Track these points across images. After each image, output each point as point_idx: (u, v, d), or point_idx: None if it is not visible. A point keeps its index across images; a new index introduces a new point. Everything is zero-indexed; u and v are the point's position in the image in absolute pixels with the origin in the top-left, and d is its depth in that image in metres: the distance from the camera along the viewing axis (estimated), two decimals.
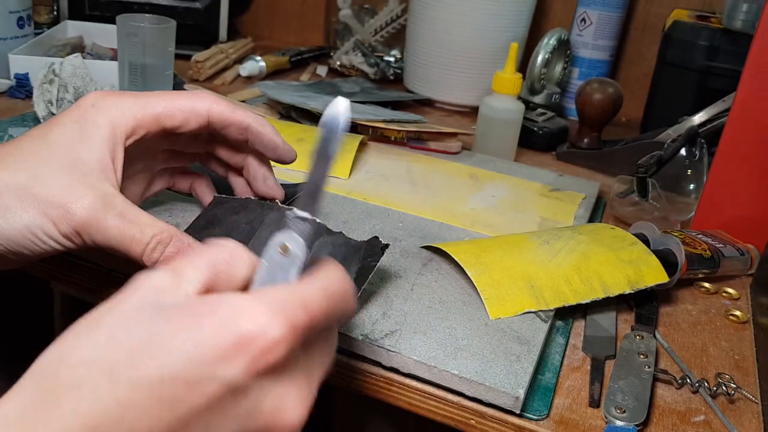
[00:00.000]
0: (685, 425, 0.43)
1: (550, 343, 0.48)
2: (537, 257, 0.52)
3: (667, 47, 0.88)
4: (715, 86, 0.84)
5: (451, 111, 1.00)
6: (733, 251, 0.60)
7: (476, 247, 0.53)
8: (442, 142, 0.77)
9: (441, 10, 0.94)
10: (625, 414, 0.41)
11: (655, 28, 1.04)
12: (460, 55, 0.95)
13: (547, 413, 0.42)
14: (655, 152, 0.71)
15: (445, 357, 0.43)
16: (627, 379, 0.44)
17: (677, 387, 0.46)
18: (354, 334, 0.44)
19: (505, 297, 0.49)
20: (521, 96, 0.81)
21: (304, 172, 0.67)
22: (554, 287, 0.50)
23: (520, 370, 0.42)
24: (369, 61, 1.09)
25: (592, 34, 0.98)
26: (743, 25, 0.82)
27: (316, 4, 1.25)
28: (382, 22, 1.11)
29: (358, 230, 0.57)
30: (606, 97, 0.82)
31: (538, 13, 1.01)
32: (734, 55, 0.82)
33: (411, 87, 1.02)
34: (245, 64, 1.01)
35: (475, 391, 0.41)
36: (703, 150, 0.71)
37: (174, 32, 0.78)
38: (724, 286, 0.59)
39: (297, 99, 0.79)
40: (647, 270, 0.52)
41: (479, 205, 0.65)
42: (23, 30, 0.86)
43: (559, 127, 0.89)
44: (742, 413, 0.44)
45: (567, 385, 0.45)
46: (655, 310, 0.54)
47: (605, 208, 0.73)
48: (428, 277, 0.52)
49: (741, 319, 0.55)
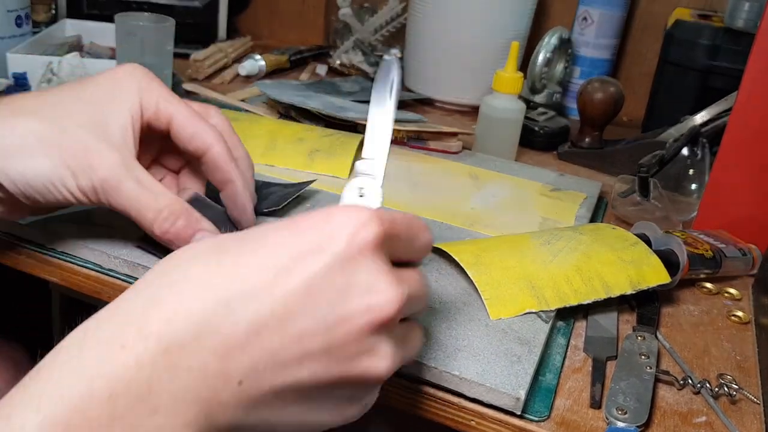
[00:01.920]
0: (686, 426, 0.42)
1: (551, 344, 0.48)
2: (538, 257, 0.51)
3: (668, 46, 0.88)
4: (717, 85, 0.83)
5: (451, 110, 1.00)
6: (735, 251, 0.60)
7: (476, 247, 0.53)
8: (442, 141, 0.77)
9: (441, 9, 0.93)
10: (626, 415, 0.41)
11: (657, 27, 1.03)
12: (460, 55, 0.95)
13: (548, 414, 0.42)
14: (656, 152, 0.71)
15: (445, 357, 0.42)
16: (628, 380, 0.44)
17: (679, 388, 0.46)
18: None
19: (506, 297, 0.48)
20: (522, 95, 0.81)
21: (303, 172, 0.67)
22: (555, 287, 0.49)
23: (520, 370, 0.42)
24: (369, 60, 1.09)
25: (594, 33, 0.98)
26: (745, 24, 0.81)
27: (316, 4, 1.24)
28: (382, 21, 1.11)
29: None
30: (607, 97, 0.82)
31: (539, 12, 1.01)
32: (736, 54, 0.82)
33: (411, 86, 1.02)
34: (244, 63, 1.01)
35: (476, 392, 0.41)
36: (705, 149, 0.70)
37: (173, 31, 0.78)
38: (726, 287, 0.59)
39: (296, 98, 0.79)
40: (649, 270, 0.52)
41: (479, 205, 0.65)
42: (21, 29, 0.86)
43: (560, 126, 0.89)
44: (743, 414, 0.44)
45: (568, 386, 0.45)
46: (656, 311, 0.53)
47: (607, 208, 0.73)
48: (428, 277, 0.51)
49: (743, 320, 0.55)
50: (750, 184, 0.62)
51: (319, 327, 0.28)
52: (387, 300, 0.30)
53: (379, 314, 0.29)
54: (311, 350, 0.29)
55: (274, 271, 0.29)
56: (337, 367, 0.29)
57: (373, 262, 0.30)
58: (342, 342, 0.29)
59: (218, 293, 0.28)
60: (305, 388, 0.29)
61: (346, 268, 0.29)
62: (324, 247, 0.29)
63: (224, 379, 0.27)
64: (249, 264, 0.29)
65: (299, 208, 0.59)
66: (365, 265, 0.30)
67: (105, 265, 0.49)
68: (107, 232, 0.51)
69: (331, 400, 0.31)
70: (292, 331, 0.28)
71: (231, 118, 0.73)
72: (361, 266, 0.30)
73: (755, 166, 0.61)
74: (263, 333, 0.28)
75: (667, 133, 0.79)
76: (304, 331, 0.28)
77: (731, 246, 0.60)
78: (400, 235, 0.32)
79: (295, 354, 0.28)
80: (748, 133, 0.61)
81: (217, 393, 0.27)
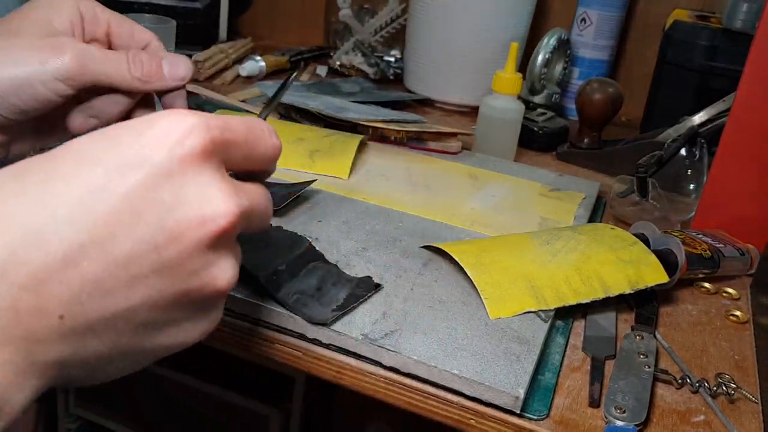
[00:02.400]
0: (685, 425, 0.43)
1: (550, 343, 0.48)
2: (537, 257, 0.52)
3: (667, 47, 0.88)
4: (715, 86, 0.84)
5: (451, 111, 1.00)
6: (733, 251, 0.60)
7: (476, 247, 0.53)
8: (442, 142, 0.77)
9: (441, 10, 0.94)
10: (625, 414, 0.41)
11: (655, 27, 1.04)
12: (460, 55, 0.95)
13: (547, 413, 0.42)
14: (655, 152, 0.71)
15: (445, 357, 0.43)
16: (627, 379, 0.44)
17: (677, 387, 0.46)
18: (354, 334, 0.44)
19: (505, 297, 0.49)
20: (521, 96, 0.81)
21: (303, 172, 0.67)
22: (554, 287, 0.50)
23: (520, 369, 0.42)
24: (369, 61, 1.09)
25: (593, 34, 0.98)
26: (743, 25, 0.82)
27: (316, 4, 1.25)
28: (382, 22, 1.11)
29: (358, 230, 0.57)
30: (606, 97, 0.82)
31: (538, 13, 1.01)
32: (734, 55, 0.82)
33: (411, 87, 1.02)
34: (245, 64, 1.01)
35: (475, 391, 0.41)
36: (703, 150, 0.71)
37: (174, 32, 0.78)
38: (724, 286, 0.59)
39: (297, 99, 0.79)
40: (647, 270, 0.52)
41: (479, 205, 0.65)
42: None
43: (559, 127, 0.89)
44: (742, 413, 0.44)
45: (567, 385, 0.45)
46: (655, 310, 0.54)
47: (605, 208, 0.73)
48: (428, 277, 0.52)
49: (741, 319, 0.55)
50: (748, 184, 0.62)
51: (146, 248, 0.26)
52: (221, 212, 0.28)
53: (212, 227, 0.27)
54: (140, 273, 0.26)
55: (89, 190, 0.26)
56: (172, 289, 0.27)
57: (201, 173, 0.28)
58: (175, 262, 0.27)
59: (25, 223, 0.25)
60: (139, 314, 0.27)
61: (171, 181, 0.27)
62: (144, 159, 0.26)
63: (41, 315, 0.25)
64: (59, 187, 0.26)
65: (299, 208, 0.60)
66: (193, 176, 0.27)
67: None
68: None
69: (170, 325, 0.29)
70: (115, 256, 0.26)
71: None
72: (188, 178, 0.27)
73: (753, 166, 0.62)
74: (81, 261, 0.25)
75: (665, 134, 0.79)
76: (129, 254, 0.26)
77: (729, 246, 0.61)
78: (237, 142, 0.30)
79: (123, 279, 0.26)
80: (746, 133, 0.61)
81: (34, 331, 0.25)
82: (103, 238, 0.26)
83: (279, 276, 0.46)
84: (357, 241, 0.55)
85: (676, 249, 0.55)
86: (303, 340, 0.45)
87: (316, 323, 0.44)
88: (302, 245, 0.51)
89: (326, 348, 0.45)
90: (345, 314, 0.45)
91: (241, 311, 0.46)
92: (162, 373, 0.65)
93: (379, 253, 0.54)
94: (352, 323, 0.45)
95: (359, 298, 0.47)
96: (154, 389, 0.67)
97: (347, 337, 0.44)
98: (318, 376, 0.45)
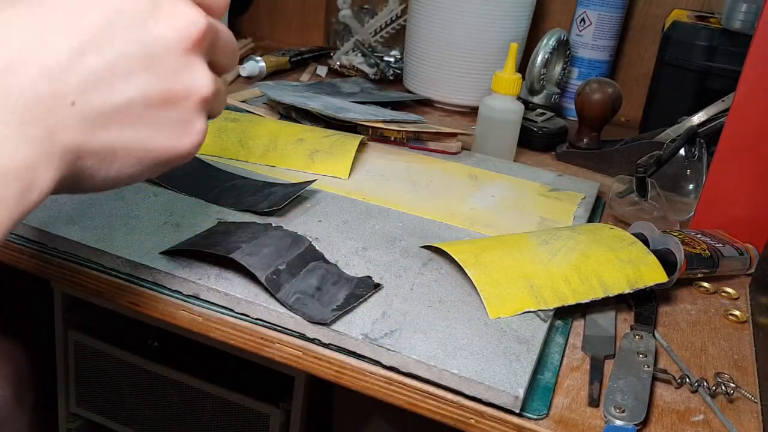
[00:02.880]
0: (684, 425, 0.43)
1: (549, 343, 0.48)
2: (536, 257, 0.52)
3: (666, 47, 0.88)
4: (714, 86, 0.84)
5: (451, 111, 1.00)
6: (732, 251, 0.60)
7: (476, 247, 0.54)
8: (441, 142, 0.77)
9: (441, 11, 0.94)
10: (624, 413, 0.41)
11: (655, 28, 1.04)
12: (459, 56, 0.95)
13: (546, 412, 0.42)
14: (654, 152, 0.71)
15: (445, 356, 0.43)
16: (626, 379, 0.44)
17: (676, 386, 0.46)
18: (354, 334, 0.44)
19: (505, 296, 0.49)
20: (521, 96, 0.81)
21: (303, 172, 0.67)
22: (553, 287, 0.50)
23: (519, 369, 0.43)
24: (369, 62, 1.09)
25: (592, 35, 0.98)
26: (742, 25, 0.82)
27: (316, 5, 1.25)
28: (382, 22, 1.11)
29: (358, 230, 0.58)
30: (605, 97, 0.82)
31: (537, 14, 1.01)
32: (733, 55, 0.82)
33: (411, 87, 1.03)
34: (245, 65, 1.01)
35: (475, 391, 0.41)
36: (703, 150, 0.71)
37: None
38: (723, 286, 0.59)
39: (297, 99, 0.79)
40: (646, 270, 0.52)
41: (479, 205, 0.65)
42: None
43: (558, 127, 0.89)
44: (741, 413, 0.45)
45: (566, 385, 0.45)
46: (654, 310, 0.54)
47: (604, 208, 0.73)
48: (428, 276, 0.52)
49: (740, 319, 0.55)
50: (747, 184, 0.62)
51: (137, 47, 0.31)
52: (194, 20, 0.32)
53: (191, 30, 0.32)
54: (134, 68, 0.31)
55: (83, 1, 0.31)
56: (162, 83, 0.32)
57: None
58: (161, 59, 0.32)
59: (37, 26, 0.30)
60: (136, 107, 0.32)
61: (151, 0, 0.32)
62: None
63: (56, 99, 0.29)
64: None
65: (299, 208, 0.60)
66: None
67: (107, 264, 0.50)
68: (109, 232, 0.52)
69: (165, 124, 0.33)
70: (113, 52, 0.30)
71: (232, 119, 0.73)
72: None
73: (752, 166, 0.62)
74: (85, 55, 0.30)
75: (664, 134, 0.79)
76: (124, 52, 0.31)
77: (728, 245, 0.61)
78: None
79: (121, 72, 0.31)
80: (746, 133, 0.61)
81: (53, 112, 0.29)
82: (100, 38, 0.30)
83: (279, 276, 0.47)
84: (357, 241, 0.55)
85: (675, 249, 0.55)
86: (303, 340, 0.45)
87: (316, 323, 0.44)
88: (302, 245, 0.51)
89: (326, 347, 0.45)
90: (345, 314, 0.45)
91: (241, 311, 0.47)
92: (162, 372, 0.65)
93: (378, 252, 0.54)
94: (351, 323, 0.45)
95: (359, 297, 0.47)
96: (155, 389, 0.67)
97: (347, 337, 0.44)
98: (318, 375, 0.46)
